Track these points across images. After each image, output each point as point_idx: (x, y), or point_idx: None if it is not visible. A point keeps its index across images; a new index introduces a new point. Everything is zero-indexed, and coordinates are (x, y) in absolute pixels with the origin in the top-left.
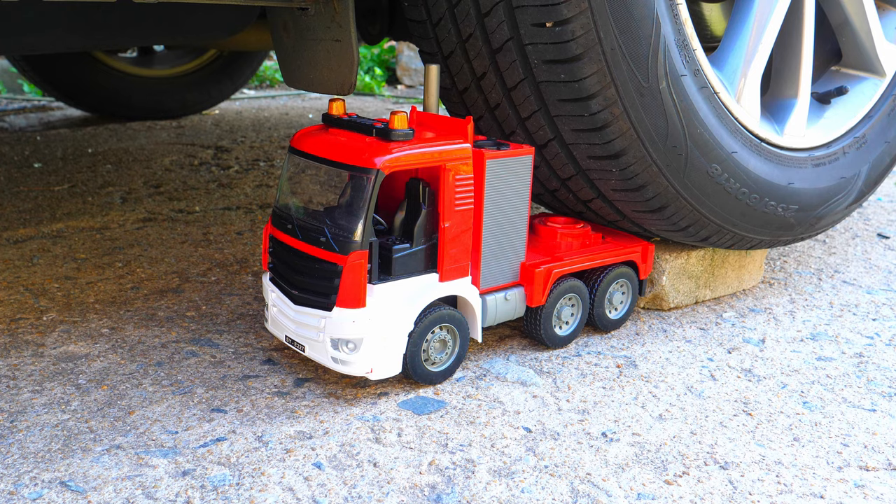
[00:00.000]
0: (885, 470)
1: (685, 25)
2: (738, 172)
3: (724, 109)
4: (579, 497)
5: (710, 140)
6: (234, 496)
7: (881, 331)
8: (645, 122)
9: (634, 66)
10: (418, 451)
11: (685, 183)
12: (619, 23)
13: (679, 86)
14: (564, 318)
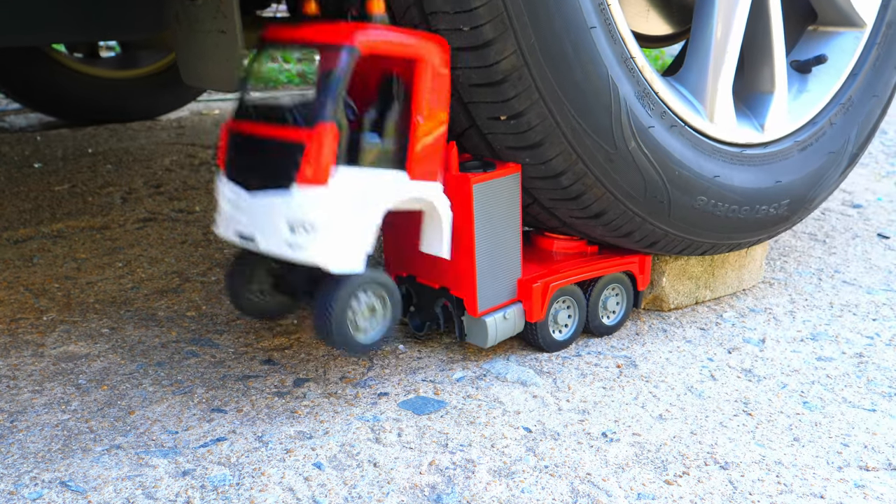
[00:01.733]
0: (885, 470)
1: (643, 72)
2: (725, 194)
3: (698, 137)
4: (579, 497)
5: (690, 176)
6: (234, 496)
7: (881, 331)
8: (620, 183)
9: (599, 139)
10: (418, 451)
11: (672, 222)
12: (576, 104)
13: (648, 138)
14: (562, 321)
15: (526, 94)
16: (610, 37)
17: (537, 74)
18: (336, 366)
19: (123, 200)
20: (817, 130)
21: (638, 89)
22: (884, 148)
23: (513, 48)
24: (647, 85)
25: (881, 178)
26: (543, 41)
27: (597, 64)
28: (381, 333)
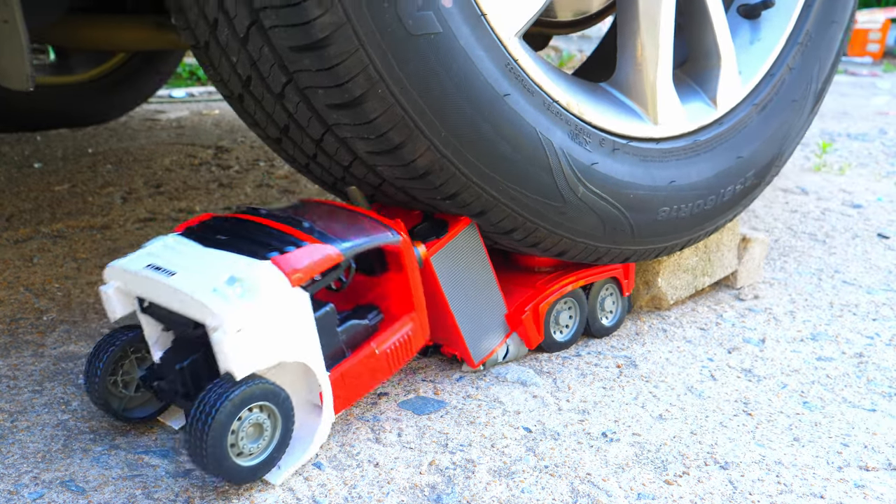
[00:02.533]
0: (885, 470)
1: (570, 109)
2: (685, 195)
3: (646, 148)
4: (579, 497)
5: (646, 194)
6: (234, 496)
7: (881, 331)
8: (580, 229)
9: (545, 199)
10: (418, 451)
11: (639, 241)
12: (510, 176)
13: (594, 176)
14: (563, 322)
15: (453, 179)
16: (527, 92)
17: (460, 162)
18: None
19: (123, 200)
20: (776, 82)
21: (570, 129)
22: (884, 148)
23: (425, 146)
24: (578, 120)
25: (881, 178)
26: (457, 131)
27: (521, 128)
28: (269, 456)
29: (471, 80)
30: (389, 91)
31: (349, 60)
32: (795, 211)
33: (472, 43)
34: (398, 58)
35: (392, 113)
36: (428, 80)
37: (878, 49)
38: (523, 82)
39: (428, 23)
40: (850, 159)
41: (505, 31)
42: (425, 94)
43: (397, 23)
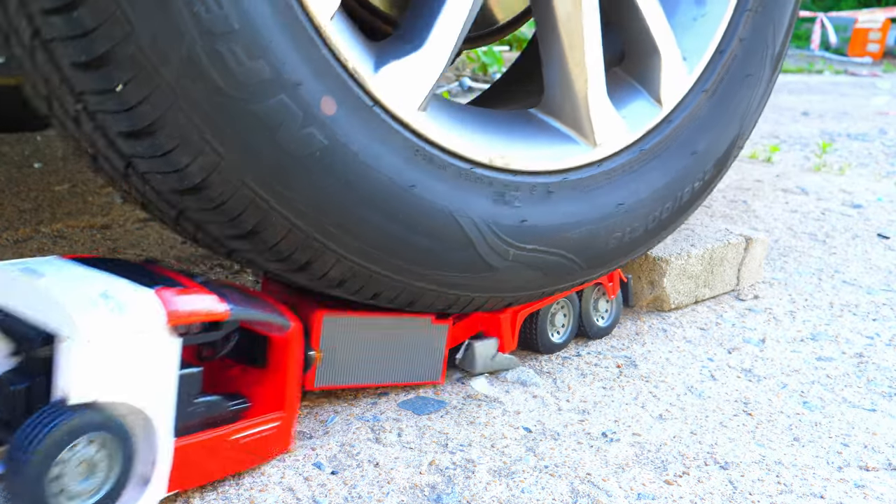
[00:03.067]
0: (885, 470)
1: (493, 165)
2: (638, 212)
3: (586, 178)
4: (579, 497)
5: (593, 228)
6: (234, 496)
7: (881, 331)
8: (520, 284)
9: (475, 274)
10: (418, 451)
11: (592, 272)
12: (437, 265)
13: (526, 232)
14: (559, 323)
15: (372, 281)
16: (439, 169)
17: (376, 265)
18: None
19: (123, 200)
20: (727, 60)
21: (493, 191)
22: (884, 148)
23: (334, 259)
24: (503, 174)
25: (881, 178)
26: (366, 240)
27: (435, 215)
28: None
29: (370, 184)
30: (284, 217)
31: (234, 198)
32: (795, 211)
33: (366, 142)
34: (285, 184)
35: (293, 237)
36: (322, 199)
37: (878, 49)
38: (433, 160)
39: (311, 140)
40: (850, 159)
41: (407, 111)
42: (323, 213)
43: (278, 150)
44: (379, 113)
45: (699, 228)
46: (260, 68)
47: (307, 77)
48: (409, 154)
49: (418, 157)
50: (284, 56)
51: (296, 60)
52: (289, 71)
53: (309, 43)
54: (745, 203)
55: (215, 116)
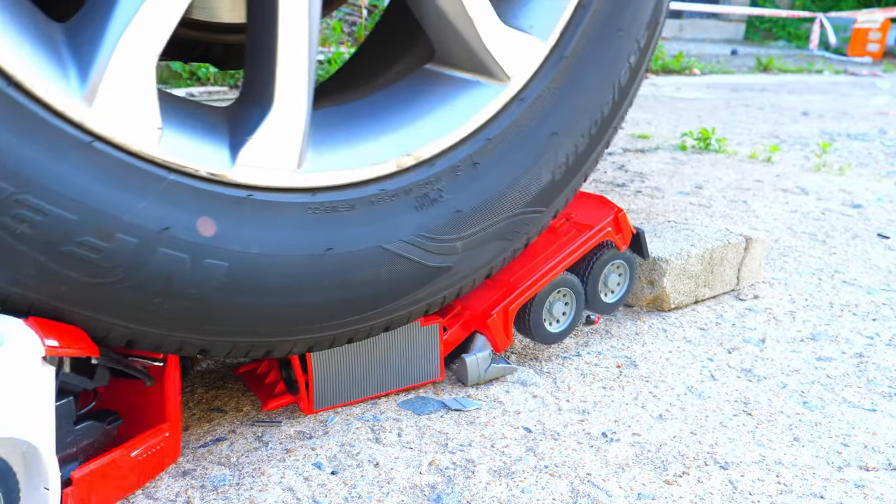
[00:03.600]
0: (885, 470)
1: (402, 170)
2: (581, 154)
3: (512, 128)
4: (579, 497)
5: (539, 179)
6: (234, 496)
7: (881, 331)
8: (480, 267)
9: (437, 282)
10: (418, 451)
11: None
12: (393, 306)
13: (464, 222)
14: (557, 313)
15: (342, 336)
16: (348, 212)
17: (341, 329)
18: None
19: None
20: (591, 16)
21: (412, 199)
22: (884, 148)
23: (290, 345)
24: (416, 178)
25: (881, 178)
26: (309, 317)
27: (365, 261)
28: None
29: (282, 272)
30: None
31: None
32: (795, 211)
33: (260, 237)
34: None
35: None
36: (254, 309)
37: (878, 49)
38: (337, 208)
39: (214, 271)
40: (850, 159)
41: (287, 177)
42: (272, 310)
43: (191, 298)
44: (260, 197)
45: (699, 228)
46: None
47: (175, 221)
48: (305, 220)
49: (320, 214)
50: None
51: (154, 211)
52: (148, 220)
53: (145, 181)
54: (745, 203)
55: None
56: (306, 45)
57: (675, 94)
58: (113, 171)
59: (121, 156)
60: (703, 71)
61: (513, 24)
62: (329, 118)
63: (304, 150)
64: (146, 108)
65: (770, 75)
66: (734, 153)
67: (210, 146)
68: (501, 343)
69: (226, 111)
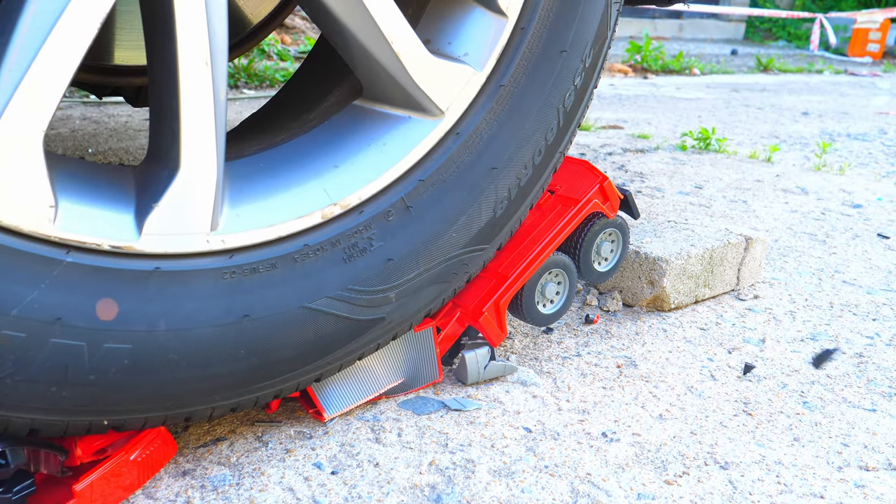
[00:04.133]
0: (885, 470)
1: (328, 220)
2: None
3: (447, 166)
4: (579, 497)
5: (481, 216)
6: (234, 496)
7: (881, 331)
8: (418, 309)
9: (372, 332)
10: (418, 451)
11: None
12: (323, 362)
13: (396, 271)
14: (550, 294)
15: (286, 390)
16: (267, 272)
17: (270, 390)
18: None
19: None
20: (533, 34)
21: (339, 251)
22: (884, 148)
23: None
24: (343, 228)
25: (881, 178)
26: (235, 382)
27: (290, 322)
28: None
29: (193, 344)
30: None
31: None
32: (795, 211)
33: (172, 310)
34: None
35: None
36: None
37: (878, 49)
38: (256, 269)
39: (117, 355)
40: (850, 159)
41: (201, 241)
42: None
43: (91, 381)
44: (169, 267)
45: (699, 228)
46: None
47: (71, 308)
48: (219, 287)
49: (237, 277)
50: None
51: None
52: (39, 312)
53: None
54: (745, 203)
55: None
56: (211, 99)
57: (675, 94)
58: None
59: (8, 242)
60: (703, 71)
61: (445, 52)
62: (247, 169)
63: (219, 210)
64: (35, 185)
65: (770, 75)
66: (734, 153)
67: (113, 215)
68: (496, 337)
69: (133, 172)
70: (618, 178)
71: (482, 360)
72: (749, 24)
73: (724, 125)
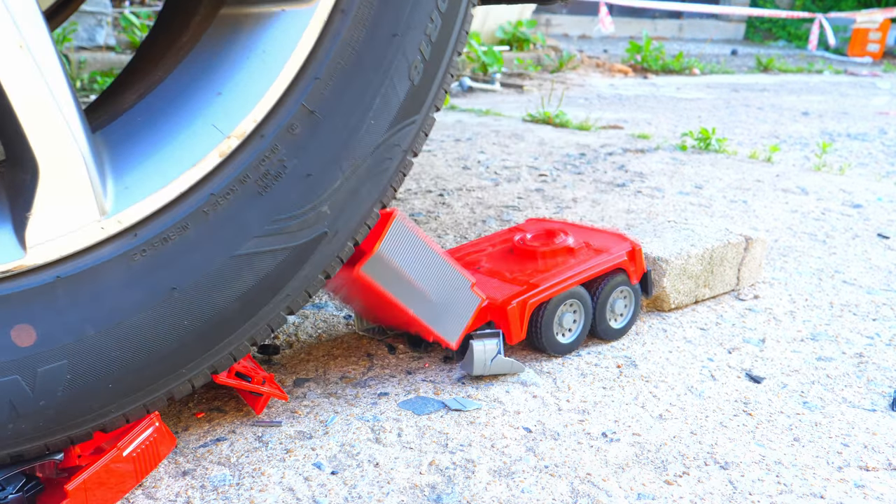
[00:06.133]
0: (885, 470)
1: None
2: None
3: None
4: (579, 497)
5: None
6: (234, 496)
7: (881, 331)
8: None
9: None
10: (418, 451)
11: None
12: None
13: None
14: (566, 325)
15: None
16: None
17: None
18: (336, 366)
19: None
20: (343, 44)
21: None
22: (884, 148)
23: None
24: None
25: (881, 178)
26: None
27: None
28: None
29: None
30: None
31: None
32: (795, 211)
33: None
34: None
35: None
36: None
37: (878, 49)
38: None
39: (15, 387)
40: (851, 159)
41: None
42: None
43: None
44: (70, 271)
45: (699, 228)
46: None
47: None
48: (133, 270)
49: (149, 254)
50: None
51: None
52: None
53: None
54: (745, 203)
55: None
56: (43, 81)
57: (675, 94)
58: None
59: None
60: (703, 71)
61: None
62: (124, 130)
63: (102, 190)
64: None
65: (770, 75)
66: (734, 153)
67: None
68: (516, 334)
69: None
70: (618, 178)
71: (490, 353)
72: (749, 24)
73: (724, 125)
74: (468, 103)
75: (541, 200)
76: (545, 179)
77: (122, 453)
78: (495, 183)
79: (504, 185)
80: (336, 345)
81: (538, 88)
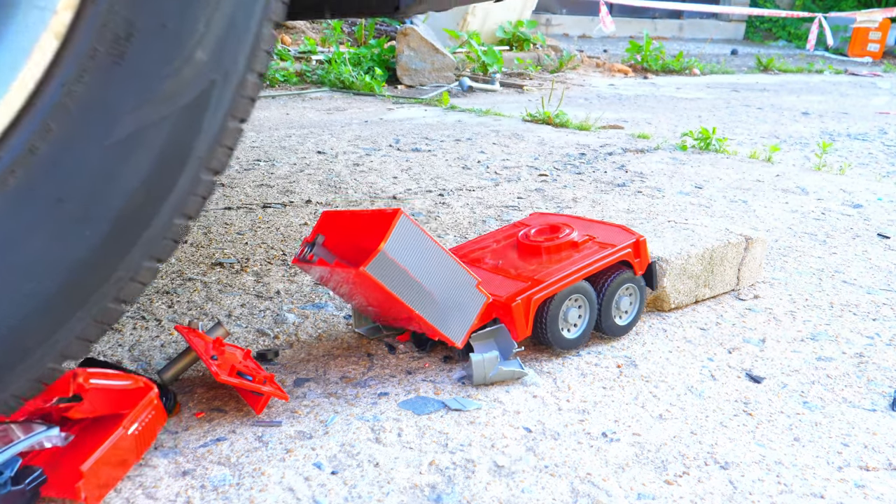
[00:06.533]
0: (885, 470)
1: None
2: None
3: None
4: (579, 497)
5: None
6: (234, 496)
7: (881, 331)
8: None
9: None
10: (418, 451)
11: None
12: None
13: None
14: (572, 320)
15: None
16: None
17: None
18: (336, 366)
19: None
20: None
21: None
22: (884, 148)
23: None
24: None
25: (881, 178)
26: None
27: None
28: None
29: None
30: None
31: None
32: (796, 211)
33: None
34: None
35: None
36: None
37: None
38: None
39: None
40: (851, 159)
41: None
42: None
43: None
44: None
45: (699, 228)
46: None
47: None
48: None
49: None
50: None
51: None
52: None
53: None
54: (745, 203)
55: None
56: None
57: (675, 94)
58: None
59: None
60: (703, 71)
61: None
62: None
63: None
64: None
65: (770, 75)
66: (734, 153)
67: None
68: (521, 332)
69: None
70: (618, 178)
71: (489, 364)
72: (749, 24)
73: (724, 125)
74: (468, 103)
75: (541, 200)
76: (545, 179)
77: (126, 431)
78: (495, 183)
79: (504, 184)
80: (336, 345)
81: (538, 88)
